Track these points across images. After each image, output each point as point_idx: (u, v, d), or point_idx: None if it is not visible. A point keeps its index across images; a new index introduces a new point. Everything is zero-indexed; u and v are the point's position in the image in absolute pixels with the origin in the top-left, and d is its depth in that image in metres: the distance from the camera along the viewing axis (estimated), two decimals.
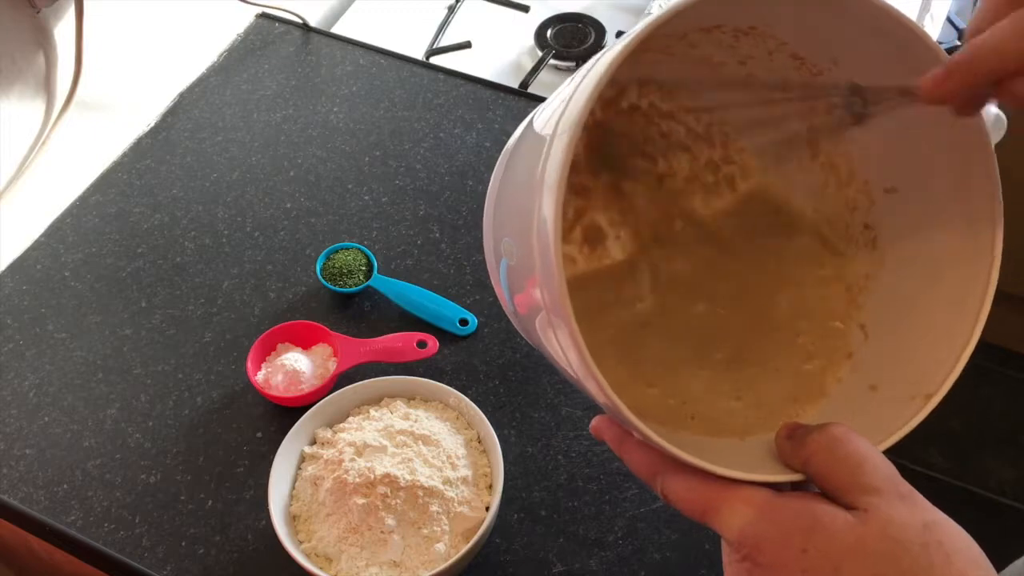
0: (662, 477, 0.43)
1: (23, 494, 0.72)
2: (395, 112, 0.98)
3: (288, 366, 0.75)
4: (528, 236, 0.43)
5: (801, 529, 0.38)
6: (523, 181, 0.46)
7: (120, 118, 0.96)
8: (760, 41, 0.52)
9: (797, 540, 0.38)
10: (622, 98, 0.56)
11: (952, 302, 0.46)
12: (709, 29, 0.52)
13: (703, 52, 0.54)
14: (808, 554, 0.38)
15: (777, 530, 0.39)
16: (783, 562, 0.38)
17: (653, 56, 0.54)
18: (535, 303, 0.46)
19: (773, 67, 0.53)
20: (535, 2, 1.14)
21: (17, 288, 0.85)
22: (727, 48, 0.53)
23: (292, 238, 0.88)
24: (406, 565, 0.62)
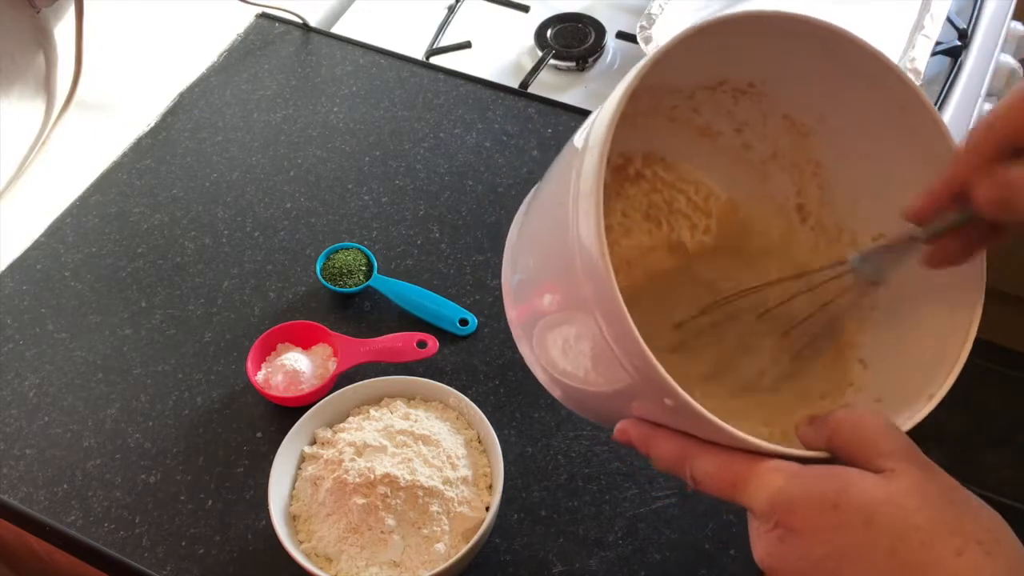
0: (691, 462, 0.44)
1: (23, 494, 0.72)
2: (395, 112, 0.98)
3: (288, 366, 0.75)
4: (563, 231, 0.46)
5: (832, 489, 0.39)
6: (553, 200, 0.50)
7: (120, 118, 0.96)
8: (755, 103, 0.58)
9: (829, 497, 0.39)
10: (629, 166, 0.61)
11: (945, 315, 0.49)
12: (713, 88, 0.58)
13: (705, 119, 0.60)
14: (840, 509, 0.39)
15: (807, 492, 0.40)
16: (815, 521, 0.39)
17: (659, 121, 0.60)
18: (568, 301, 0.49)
19: (766, 132, 0.59)
20: (535, 2, 1.14)
21: (17, 288, 0.85)
22: (726, 114, 0.59)
23: (292, 238, 0.88)
24: (406, 565, 0.62)
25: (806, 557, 0.40)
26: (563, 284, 0.50)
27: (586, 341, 0.48)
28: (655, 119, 0.61)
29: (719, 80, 0.58)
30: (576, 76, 1.07)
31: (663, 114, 0.61)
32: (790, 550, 0.40)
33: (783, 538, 0.40)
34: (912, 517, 0.38)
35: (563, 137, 0.95)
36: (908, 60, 0.97)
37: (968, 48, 1.06)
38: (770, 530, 0.41)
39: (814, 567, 0.39)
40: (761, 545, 0.42)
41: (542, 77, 1.05)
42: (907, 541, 0.38)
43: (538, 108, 0.98)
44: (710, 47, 0.53)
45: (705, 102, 0.60)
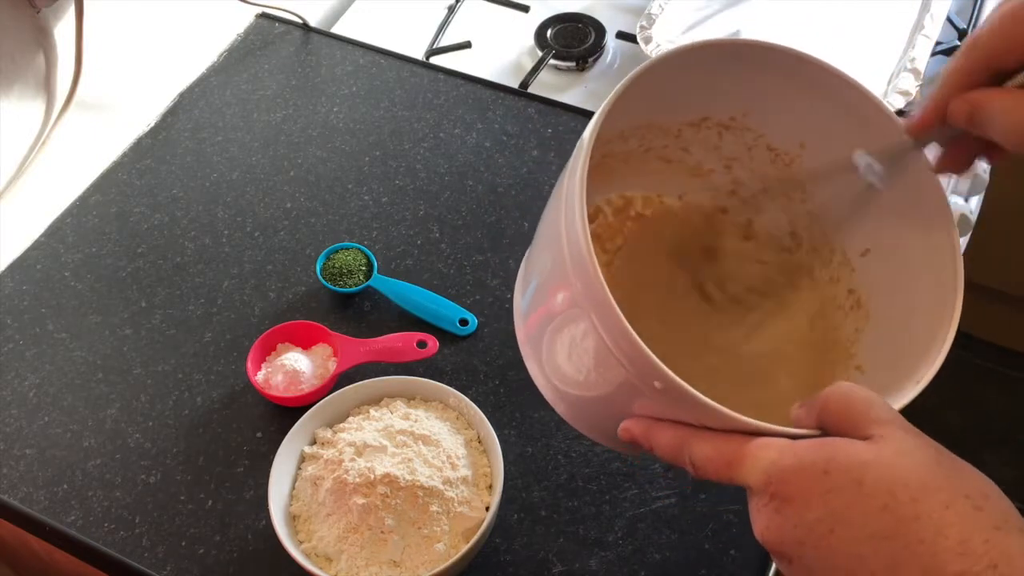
0: (688, 448, 0.45)
1: (23, 494, 0.72)
2: (395, 112, 0.98)
3: (288, 366, 0.75)
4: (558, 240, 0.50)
5: (822, 456, 0.41)
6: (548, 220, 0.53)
7: (120, 118, 0.96)
8: (740, 137, 0.62)
9: (820, 464, 0.41)
10: (630, 207, 0.66)
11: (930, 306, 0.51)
12: (697, 124, 0.62)
13: (695, 158, 0.64)
14: (831, 474, 0.40)
15: (799, 462, 0.41)
16: (807, 488, 0.41)
17: (653, 163, 0.64)
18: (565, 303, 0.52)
19: (753, 165, 0.63)
20: (535, 2, 1.14)
21: (17, 288, 0.85)
22: (714, 150, 0.63)
23: (292, 238, 0.88)
24: (406, 565, 0.62)
25: (802, 523, 0.41)
26: (558, 287, 0.52)
27: (583, 339, 0.50)
28: (649, 161, 0.65)
29: (701, 116, 0.61)
30: (576, 76, 1.07)
31: (656, 154, 0.64)
32: (786, 519, 0.41)
33: (779, 508, 0.42)
34: (901, 476, 0.40)
35: (563, 137, 0.95)
36: (908, 60, 0.97)
37: None
38: (767, 503, 0.42)
39: (809, 531, 0.41)
40: (760, 520, 0.43)
41: (542, 77, 1.05)
42: (897, 497, 0.39)
43: (538, 108, 0.98)
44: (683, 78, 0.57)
45: (693, 140, 0.63)
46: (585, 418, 0.59)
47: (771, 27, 1.03)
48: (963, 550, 0.38)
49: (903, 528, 0.39)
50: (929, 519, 0.38)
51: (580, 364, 0.53)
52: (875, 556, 0.39)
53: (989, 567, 0.37)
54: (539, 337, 0.58)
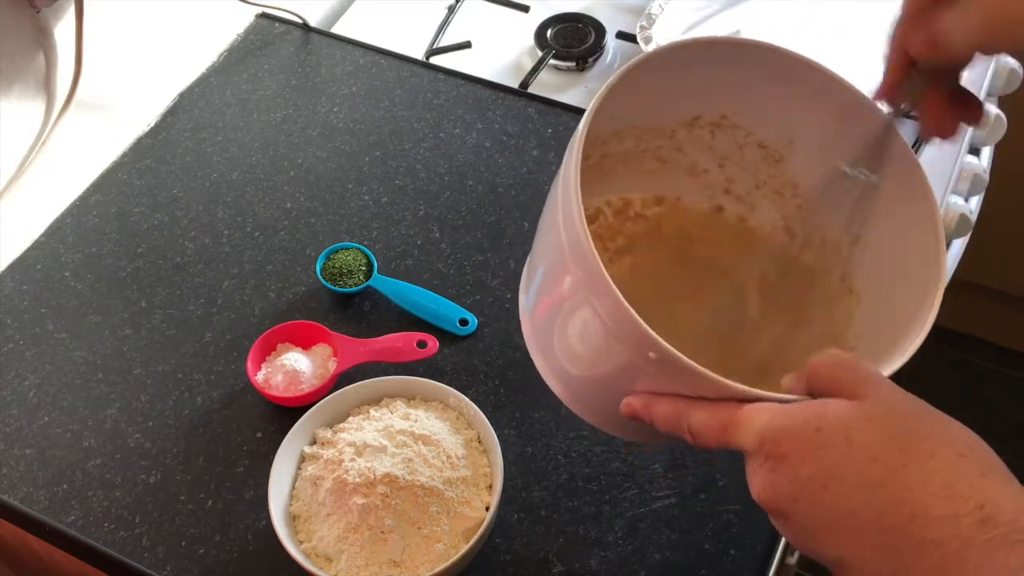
0: (686, 417, 0.47)
1: (23, 494, 0.72)
2: (395, 112, 0.98)
3: (288, 366, 0.75)
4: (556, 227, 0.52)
5: (813, 416, 0.43)
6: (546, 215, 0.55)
7: (120, 118, 0.96)
8: (731, 135, 0.64)
9: (811, 423, 0.43)
10: (629, 208, 0.68)
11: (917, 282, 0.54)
12: (690, 124, 0.64)
13: (690, 159, 0.67)
14: (821, 432, 0.42)
15: (791, 422, 0.43)
16: (800, 447, 0.43)
17: (650, 164, 0.66)
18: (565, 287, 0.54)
19: (745, 163, 0.65)
20: (535, 2, 1.14)
21: (17, 288, 0.85)
22: (707, 150, 0.66)
23: (292, 238, 0.88)
24: (406, 565, 0.62)
25: (795, 479, 0.43)
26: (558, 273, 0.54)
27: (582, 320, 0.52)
28: (646, 162, 0.67)
29: (693, 115, 0.64)
30: (576, 76, 1.07)
31: (652, 155, 0.67)
32: (780, 476, 0.43)
33: (773, 467, 0.44)
34: (888, 429, 0.41)
35: (563, 137, 0.95)
36: None
37: None
38: (762, 464, 0.44)
39: (803, 487, 0.42)
40: (756, 481, 0.45)
41: (542, 77, 1.05)
42: (884, 449, 0.41)
43: (538, 108, 0.98)
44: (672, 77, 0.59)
45: (687, 140, 0.66)
46: (590, 403, 0.60)
47: (771, 27, 1.03)
48: (948, 494, 0.39)
49: (891, 478, 0.40)
50: (915, 467, 0.40)
51: (582, 346, 0.55)
52: (866, 506, 0.41)
53: (975, 509, 0.39)
54: (544, 328, 0.60)
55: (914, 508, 0.40)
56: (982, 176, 1.05)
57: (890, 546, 0.40)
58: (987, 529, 0.38)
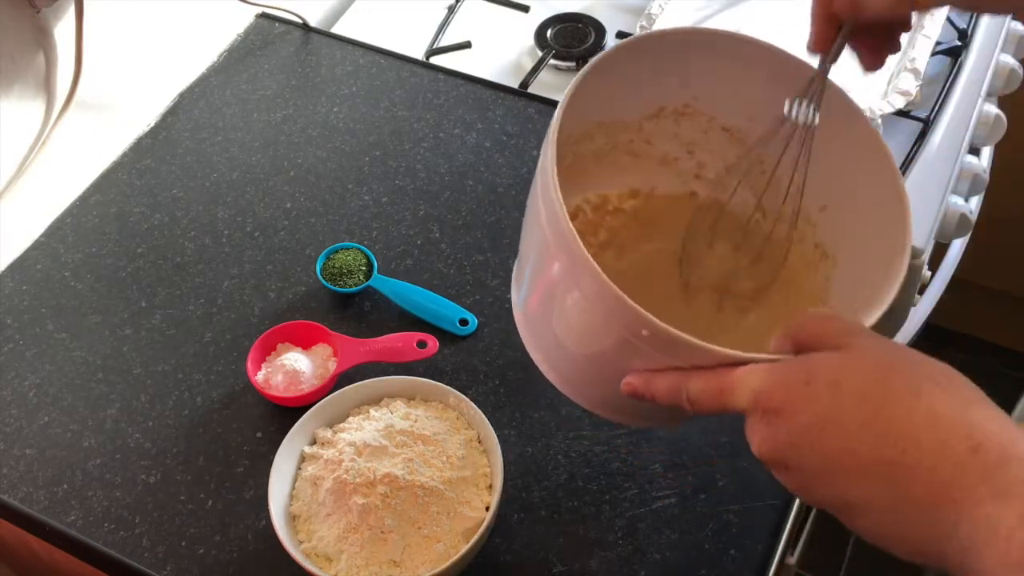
0: (684, 387, 0.50)
1: (23, 494, 0.72)
2: (395, 112, 0.98)
3: (288, 366, 0.75)
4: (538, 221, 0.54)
5: (801, 370, 0.46)
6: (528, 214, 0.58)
7: (120, 118, 0.96)
8: (695, 122, 0.67)
9: (801, 376, 0.45)
10: (607, 203, 0.70)
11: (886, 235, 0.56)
12: (656, 116, 0.67)
13: (660, 149, 0.69)
14: (811, 383, 0.45)
15: (782, 377, 0.46)
16: (793, 397, 0.45)
17: (623, 158, 0.69)
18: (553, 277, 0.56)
19: (712, 147, 0.68)
20: (535, 2, 1.14)
21: (17, 288, 0.85)
22: (673, 138, 0.68)
23: (292, 238, 0.88)
24: (406, 565, 0.62)
25: (792, 430, 0.45)
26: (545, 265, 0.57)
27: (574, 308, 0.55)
28: (619, 157, 0.70)
29: (657, 107, 0.67)
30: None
31: (623, 149, 0.69)
32: (777, 429, 0.46)
33: (770, 421, 0.46)
34: (871, 372, 0.44)
35: None
36: (908, 60, 0.97)
37: (968, 48, 1.06)
38: (759, 419, 0.47)
39: (800, 435, 0.45)
40: (756, 436, 0.47)
41: (542, 77, 1.05)
42: (871, 390, 0.44)
43: (538, 108, 0.98)
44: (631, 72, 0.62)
45: (654, 132, 0.68)
46: (588, 388, 0.62)
47: (771, 27, 1.03)
48: (935, 424, 0.42)
49: (879, 414, 0.43)
50: (901, 403, 0.43)
51: (577, 333, 0.57)
52: (860, 444, 0.43)
53: (965, 438, 0.41)
54: (537, 320, 0.63)
55: (905, 440, 0.42)
56: (982, 176, 1.05)
57: (888, 477, 0.42)
58: (979, 455, 0.40)
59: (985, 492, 0.40)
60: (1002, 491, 0.39)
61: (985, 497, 0.40)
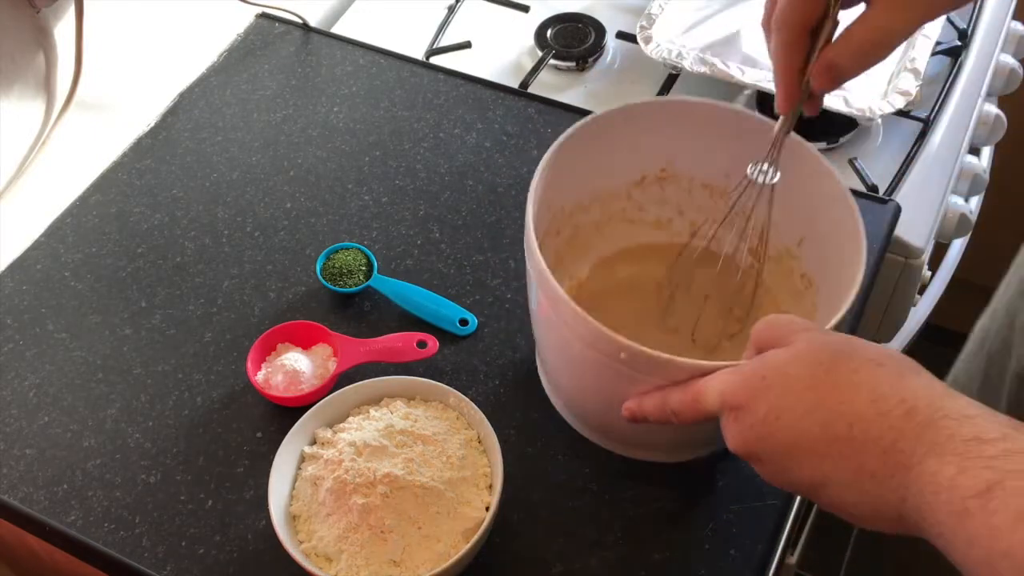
0: (667, 402, 0.56)
1: (23, 494, 0.72)
2: (395, 112, 0.98)
3: (288, 366, 0.75)
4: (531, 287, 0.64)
5: (757, 367, 0.51)
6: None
7: (120, 118, 0.96)
8: (677, 183, 0.74)
9: (757, 372, 0.51)
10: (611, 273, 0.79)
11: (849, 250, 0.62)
12: (639, 183, 0.75)
13: (652, 214, 0.77)
14: (766, 378, 0.50)
15: (741, 377, 0.52)
16: (752, 394, 0.50)
17: (621, 226, 0.77)
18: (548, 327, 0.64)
19: (698, 204, 0.75)
20: (535, 2, 1.14)
21: (17, 288, 0.85)
22: (662, 202, 0.76)
23: (292, 238, 0.88)
24: (406, 565, 0.62)
25: (755, 421, 0.50)
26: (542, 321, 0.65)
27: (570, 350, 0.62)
28: (616, 225, 0.77)
29: (640, 175, 0.74)
30: (576, 76, 1.07)
31: (619, 218, 0.77)
32: (742, 423, 0.51)
33: (737, 417, 0.51)
34: (817, 361, 0.49)
35: None
36: (908, 60, 0.97)
37: (968, 48, 1.06)
38: (728, 419, 0.52)
39: (762, 426, 0.50)
40: (728, 435, 0.52)
41: (542, 77, 1.05)
42: (817, 377, 0.48)
43: (538, 108, 0.98)
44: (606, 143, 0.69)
45: (643, 198, 0.76)
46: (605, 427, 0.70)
47: None
48: (875, 398, 0.46)
49: (827, 397, 0.47)
50: (844, 384, 0.47)
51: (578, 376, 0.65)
52: (813, 426, 0.47)
53: (899, 404, 0.45)
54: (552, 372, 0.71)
55: (850, 417, 0.46)
56: (982, 176, 1.05)
57: (841, 454, 0.46)
58: (912, 417, 0.44)
59: (923, 451, 0.43)
60: (937, 447, 0.42)
61: (924, 455, 0.43)
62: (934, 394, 0.45)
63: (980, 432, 0.42)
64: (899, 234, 0.89)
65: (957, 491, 0.41)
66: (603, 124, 0.67)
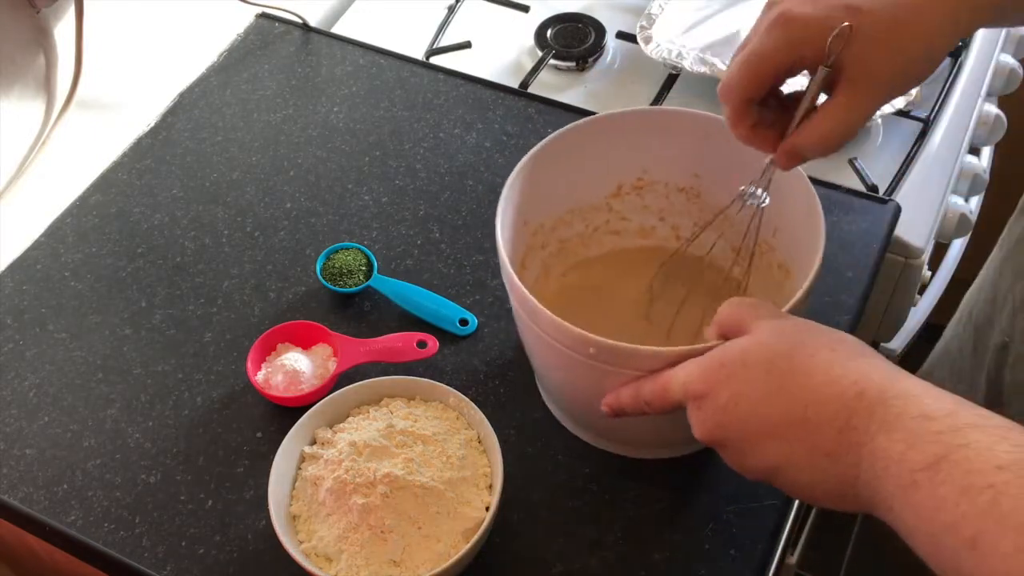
0: (640, 393, 0.57)
1: (23, 494, 0.72)
2: (395, 112, 0.98)
3: (288, 366, 0.75)
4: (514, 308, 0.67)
5: (716, 355, 0.53)
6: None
7: (120, 118, 0.96)
8: (654, 190, 0.76)
9: (716, 362, 0.53)
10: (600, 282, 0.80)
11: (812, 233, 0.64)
12: (617, 193, 0.77)
13: (635, 223, 0.79)
14: (725, 366, 0.52)
15: (701, 365, 0.53)
16: (712, 382, 0.52)
17: (608, 239, 0.79)
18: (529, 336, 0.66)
19: (678, 209, 0.77)
20: (535, 2, 1.14)
21: (17, 288, 0.85)
22: (644, 209, 0.77)
23: (292, 238, 0.88)
24: (406, 565, 0.62)
25: (716, 408, 0.51)
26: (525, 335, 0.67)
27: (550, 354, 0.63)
28: (601, 237, 0.79)
29: (616, 185, 0.76)
30: (576, 76, 1.07)
31: (604, 230, 0.79)
32: (705, 411, 0.52)
33: (700, 406, 0.53)
34: (774, 347, 0.51)
35: None
36: None
37: (968, 48, 1.06)
38: (691, 406, 0.54)
39: (724, 412, 0.51)
40: (694, 423, 0.54)
41: (542, 77, 1.05)
42: (775, 363, 0.50)
43: (538, 108, 0.98)
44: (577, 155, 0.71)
45: (624, 208, 0.78)
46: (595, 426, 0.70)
47: None
48: (829, 380, 0.48)
49: (784, 381, 0.49)
50: (801, 369, 0.49)
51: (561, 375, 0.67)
52: (772, 410, 0.49)
53: (851, 385, 0.47)
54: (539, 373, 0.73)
55: (807, 399, 0.48)
56: (982, 176, 1.05)
57: (799, 437, 0.48)
58: (863, 397, 0.46)
59: (874, 428, 0.45)
60: (887, 424, 0.44)
61: (875, 433, 0.44)
62: (884, 375, 0.47)
63: (927, 410, 0.44)
64: (899, 234, 0.89)
65: (906, 464, 0.42)
66: (568, 141, 0.70)
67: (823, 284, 0.80)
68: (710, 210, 0.75)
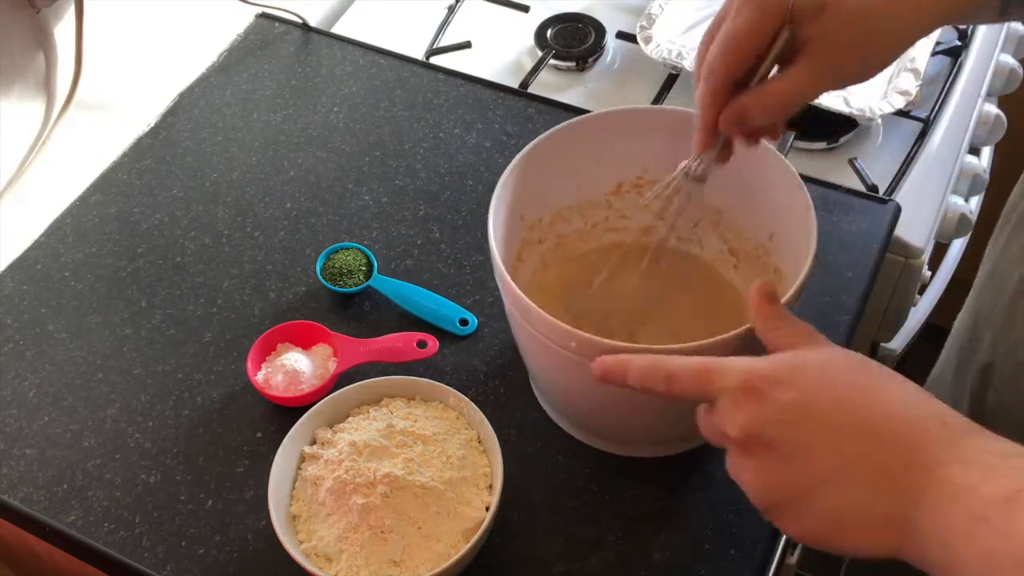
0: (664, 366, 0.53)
1: (23, 494, 0.72)
2: (395, 112, 0.98)
3: (288, 366, 0.75)
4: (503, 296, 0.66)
5: (790, 358, 0.51)
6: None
7: (120, 118, 0.96)
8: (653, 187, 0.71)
9: (789, 363, 0.50)
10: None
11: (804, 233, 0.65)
12: (617, 192, 0.76)
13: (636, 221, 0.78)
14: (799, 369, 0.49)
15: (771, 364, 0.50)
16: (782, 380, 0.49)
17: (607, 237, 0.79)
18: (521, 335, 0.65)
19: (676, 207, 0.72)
20: (535, 2, 1.14)
21: (17, 288, 0.85)
22: (643, 209, 0.75)
23: (292, 238, 0.88)
24: (406, 565, 0.62)
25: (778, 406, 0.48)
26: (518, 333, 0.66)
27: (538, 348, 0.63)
28: (600, 234, 0.79)
29: (616, 183, 0.76)
30: (576, 76, 1.07)
31: (603, 227, 0.79)
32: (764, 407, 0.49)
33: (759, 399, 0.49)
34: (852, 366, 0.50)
35: None
36: (908, 60, 0.97)
37: (968, 48, 1.06)
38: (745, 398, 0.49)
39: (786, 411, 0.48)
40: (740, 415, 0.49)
41: (542, 77, 1.05)
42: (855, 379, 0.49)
43: (538, 108, 0.98)
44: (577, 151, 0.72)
45: (623, 207, 0.77)
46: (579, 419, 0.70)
47: None
48: (907, 404, 0.47)
49: (861, 393, 0.48)
50: (878, 387, 0.48)
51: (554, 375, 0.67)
52: (843, 416, 0.47)
53: (931, 414, 0.46)
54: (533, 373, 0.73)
55: (884, 414, 0.46)
56: (982, 176, 1.05)
57: (864, 451, 0.46)
58: (946, 428, 0.45)
59: (950, 456, 0.43)
60: (966, 457, 0.43)
61: (951, 460, 0.43)
62: (963, 417, 0.46)
63: (1006, 448, 0.43)
64: (899, 234, 0.89)
65: (978, 496, 0.41)
66: (560, 140, 0.71)
67: (823, 284, 0.80)
68: (710, 210, 0.75)
